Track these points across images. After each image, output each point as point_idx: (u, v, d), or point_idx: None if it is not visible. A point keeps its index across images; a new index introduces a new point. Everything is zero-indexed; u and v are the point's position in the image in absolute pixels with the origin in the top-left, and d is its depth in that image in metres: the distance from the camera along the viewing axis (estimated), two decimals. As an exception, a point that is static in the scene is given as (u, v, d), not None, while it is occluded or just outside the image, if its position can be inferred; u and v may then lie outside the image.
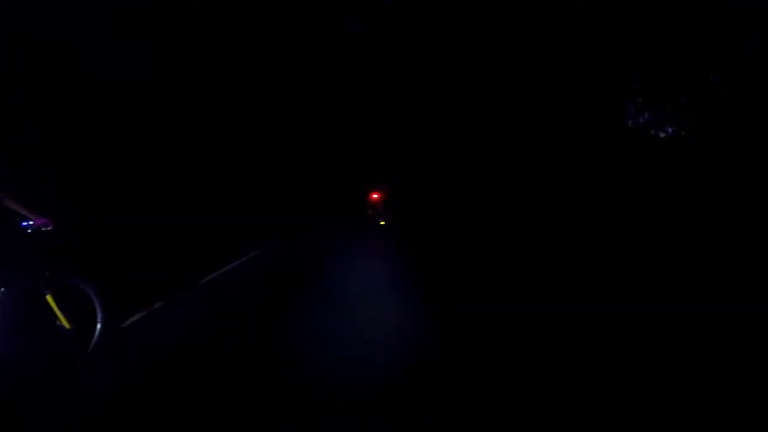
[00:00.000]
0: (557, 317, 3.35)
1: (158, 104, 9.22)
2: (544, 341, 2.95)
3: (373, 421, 2.12)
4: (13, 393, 2.89)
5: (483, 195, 10.54)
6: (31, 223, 3.21)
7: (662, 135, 10.60)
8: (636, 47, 10.57)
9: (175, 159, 9.93)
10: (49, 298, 3.25)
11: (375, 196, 10.38)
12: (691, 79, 9.94)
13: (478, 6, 12.49)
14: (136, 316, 4.46)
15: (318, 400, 2.33)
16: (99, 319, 3.47)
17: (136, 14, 8.43)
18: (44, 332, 3.22)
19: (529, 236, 6.04)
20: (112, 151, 8.01)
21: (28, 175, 6.43)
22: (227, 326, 3.86)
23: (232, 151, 12.76)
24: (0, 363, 2.94)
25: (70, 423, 2.44)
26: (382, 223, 10.96)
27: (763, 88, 8.44)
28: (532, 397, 2.27)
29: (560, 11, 11.34)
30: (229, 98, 12.45)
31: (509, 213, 8.49)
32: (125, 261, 6.80)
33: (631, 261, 4.25)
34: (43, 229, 3.26)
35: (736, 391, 2.17)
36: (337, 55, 15.16)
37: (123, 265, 6.49)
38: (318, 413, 2.21)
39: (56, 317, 3.27)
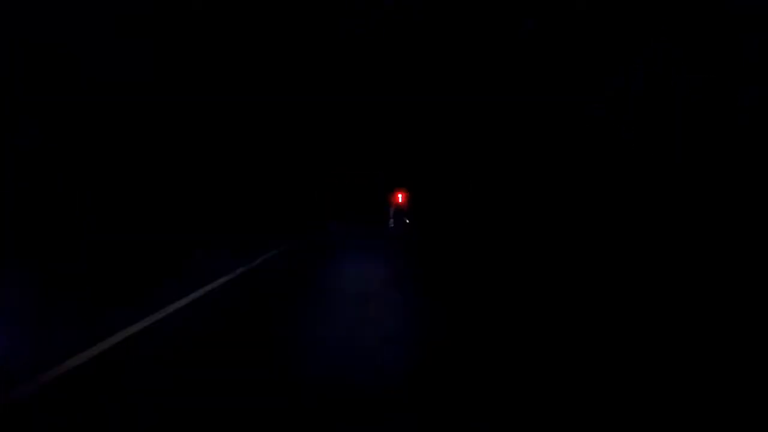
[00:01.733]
0: (554, 320, 3.34)
1: (158, 104, 9.22)
2: (545, 343, 2.95)
3: (373, 421, 2.12)
4: None
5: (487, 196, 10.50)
6: None
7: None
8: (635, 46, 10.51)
9: (175, 159, 9.92)
10: None
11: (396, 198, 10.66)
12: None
13: (479, 5, 12.47)
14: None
15: (318, 400, 2.33)
16: None
17: (136, 14, 8.42)
18: None
19: (529, 244, 6.03)
20: (112, 151, 8.01)
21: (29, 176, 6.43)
22: (227, 325, 3.85)
23: (232, 151, 12.75)
24: None
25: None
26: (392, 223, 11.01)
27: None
28: (533, 400, 2.27)
29: (560, 10, 11.31)
30: (230, 98, 12.44)
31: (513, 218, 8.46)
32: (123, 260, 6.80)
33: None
34: None
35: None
36: (337, 55, 15.14)
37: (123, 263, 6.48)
38: (318, 413, 2.21)
39: None
